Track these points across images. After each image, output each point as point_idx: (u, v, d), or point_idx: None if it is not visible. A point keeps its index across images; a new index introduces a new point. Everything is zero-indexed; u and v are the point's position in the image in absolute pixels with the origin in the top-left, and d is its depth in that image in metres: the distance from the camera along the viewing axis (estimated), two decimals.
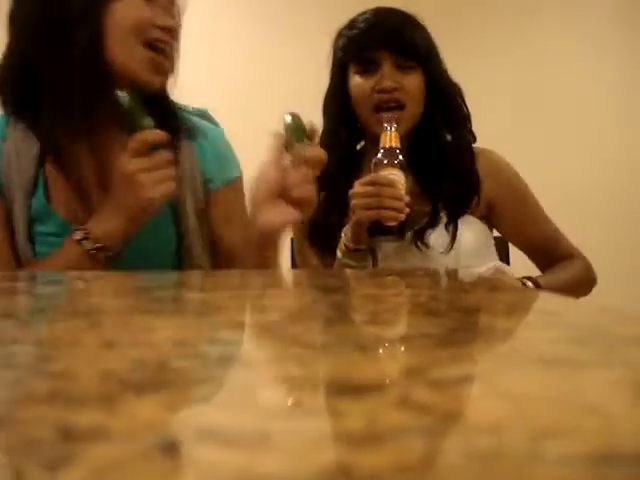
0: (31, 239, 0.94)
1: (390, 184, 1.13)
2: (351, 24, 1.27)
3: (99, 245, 0.90)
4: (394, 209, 1.12)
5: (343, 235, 1.20)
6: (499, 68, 3.09)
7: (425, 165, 1.27)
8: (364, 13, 1.27)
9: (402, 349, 0.36)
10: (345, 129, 1.28)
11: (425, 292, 0.74)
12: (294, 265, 1.53)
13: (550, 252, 1.32)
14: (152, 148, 0.89)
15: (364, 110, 1.23)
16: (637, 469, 0.17)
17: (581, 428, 0.21)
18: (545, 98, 3.12)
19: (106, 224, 0.90)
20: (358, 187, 1.15)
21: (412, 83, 1.22)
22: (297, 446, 0.19)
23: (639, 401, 0.24)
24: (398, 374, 0.29)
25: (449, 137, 1.29)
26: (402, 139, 1.21)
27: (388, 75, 1.20)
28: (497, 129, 1.50)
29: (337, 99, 1.28)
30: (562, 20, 3.17)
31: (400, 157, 1.16)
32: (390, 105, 1.21)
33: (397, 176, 1.14)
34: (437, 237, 1.24)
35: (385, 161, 1.16)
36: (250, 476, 0.17)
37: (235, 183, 1.08)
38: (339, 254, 1.20)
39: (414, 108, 1.23)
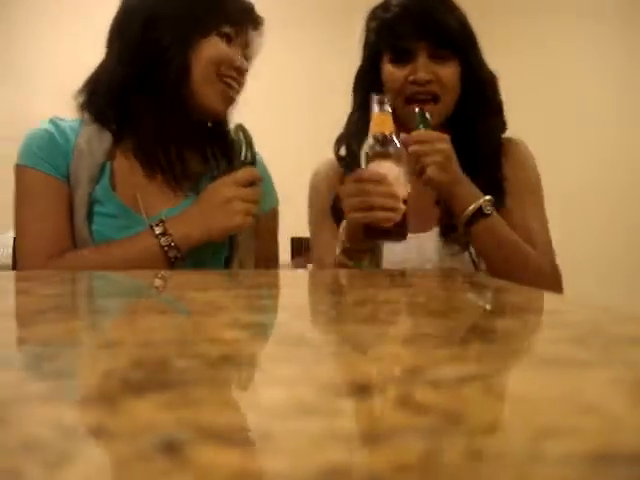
0: (89, 218, 1.06)
1: (379, 180, 1.00)
2: (385, 4, 1.19)
3: (173, 244, 1.01)
4: (387, 208, 0.99)
5: (340, 230, 1.10)
6: (499, 68, 3.09)
7: (458, 159, 1.14)
8: None
9: (402, 349, 0.36)
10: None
11: (425, 292, 0.74)
12: (294, 265, 1.53)
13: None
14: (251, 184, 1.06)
15: (396, 101, 1.14)
16: (637, 469, 0.17)
17: (581, 428, 0.21)
18: (545, 98, 3.12)
19: (185, 228, 1.02)
20: (346, 184, 1.04)
21: (448, 74, 1.15)
22: (297, 446, 0.19)
23: (639, 401, 0.24)
24: (398, 374, 0.29)
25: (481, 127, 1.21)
26: (435, 131, 1.11)
27: (423, 66, 1.13)
28: None
29: (368, 83, 1.19)
30: (562, 20, 3.18)
31: (396, 145, 1.02)
32: (422, 97, 1.14)
33: (389, 169, 1.01)
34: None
35: (374, 152, 1.02)
36: (250, 476, 0.17)
37: (275, 211, 1.25)
38: (337, 251, 1.10)
39: (449, 100, 1.16)
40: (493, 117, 1.22)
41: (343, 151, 1.25)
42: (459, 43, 1.15)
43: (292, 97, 3.17)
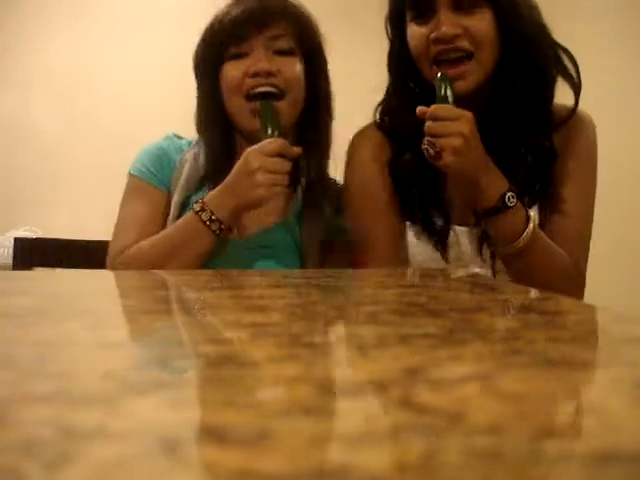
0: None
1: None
2: None
3: (213, 217, 1.04)
4: None
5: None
6: None
7: (497, 139, 1.01)
8: None
9: (402, 349, 0.35)
10: (414, 87, 1.06)
11: (425, 292, 0.74)
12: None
13: (560, 243, 1.02)
14: (280, 156, 1.05)
15: (423, 65, 1.01)
16: (637, 469, 0.17)
17: (581, 428, 0.21)
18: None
19: (219, 200, 1.05)
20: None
21: (479, 25, 0.98)
22: (297, 446, 0.19)
23: (639, 401, 0.24)
24: (398, 374, 0.29)
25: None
26: (471, 96, 0.99)
27: (446, 20, 0.97)
28: None
29: (397, 54, 1.07)
30: (562, 20, 3.18)
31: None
32: (451, 57, 0.98)
33: None
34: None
35: None
36: (250, 476, 0.17)
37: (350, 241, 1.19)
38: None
39: (484, 56, 0.99)
40: (541, 80, 1.04)
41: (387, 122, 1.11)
42: None
43: None
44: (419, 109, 0.94)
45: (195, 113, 1.19)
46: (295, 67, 1.12)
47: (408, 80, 1.06)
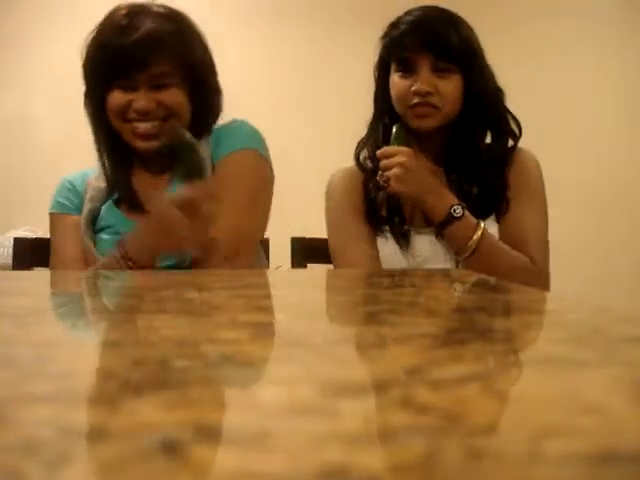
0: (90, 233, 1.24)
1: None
2: (396, 23, 1.30)
3: (130, 260, 1.07)
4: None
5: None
6: (498, 68, 3.09)
7: (456, 165, 1.29)
8: (410, 12, 1.29)
9: (402, 349, 0.35)
10: (390, 123, 1.31)
11: (425, 292, 0.74)
12: (294, 265, 1.52)
13: (513, 244, 1.25)
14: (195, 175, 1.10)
15: (401, 108, 1.27)
16: (637, 469, 0.17)
17: (581, 428, 0.21)
18: (545, 98, 3.12)
19: (140, 246, 1.08)
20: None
21: (448, 87, 1.24)
22: (297, 446, 0.19)
23: (639, 401, 0.24)
24: (398, 374, 0.29)
25: (489, 139, 1.32)
26: (436, 135, 1.27)
27: (424, 79, 1.23)
28: None
29: (381, 96, 1.32)
30: (562, 20, 3.18)
31: None
32: (422, 110, 1.25)
33: None
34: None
35: None
36: (250, 476, 0.17)
37: (239, 152, 1.22)
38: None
39: (447, 111, 1.26)
40: (496, 131, 1.30)
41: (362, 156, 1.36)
42: (461, 58, 1.24)
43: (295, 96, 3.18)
44: (377, 152, 1.23)
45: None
46: (174, 97, 1.21)
47: (386, 116, 1.31)
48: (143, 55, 1.18)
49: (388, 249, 1.28)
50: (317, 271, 1.13)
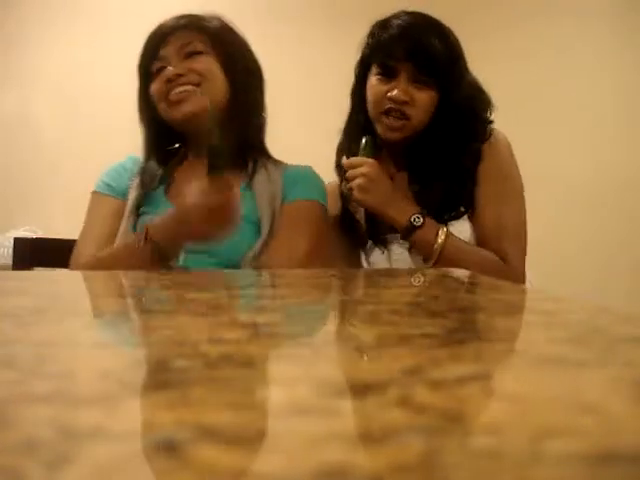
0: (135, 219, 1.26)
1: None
2: (384, 25, 1.30)
3: (155, 242, 1.08)
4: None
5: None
6: (499, 69, 3.09)
7: (421, 169, 1.31)
8: (398, 16, 1.30)
9: (402, 349, 0.35)
10: (364, 119, 1.33)
11: (425, 292, 0.74)
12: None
13: (486, 242, 1.28)
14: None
15: (374, 111, 1.29)
16: (637, 469, 0.17)
17: (581, 428, 0.21)
18: (544, 99, 3.12)
19: (168, 237, 1.09)
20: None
21: (423, 99, 1.26)
22: (296, 446, 0.19)
23: (638, 401, 0.24)
24: (398, 374, 0.29)
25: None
26: (403, 141, 1.29)
27: (402, 88, 1.25)
28: (496, 128, 1.51)
29: (358, 92, 1.34)
30: (561, 21, 3.18)
31: None
32: (396, 115, 1.27)
33: None
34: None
35: None
36: (250, 476, 0.17)
37: (300, 203, 1.27)
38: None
39: (419, 120, 1.27)
40: (465, 141, 1.31)
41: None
42: (441, 72, 1.25)
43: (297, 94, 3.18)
44: (344, 162, 1.28)
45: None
46: (204, 63, 1.26)
47: (361, 115, 1.33)
48: (177, 26, 1.26)
49: (374, 255, 1.33)
50: (317, 271, 1.14)
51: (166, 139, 1.32)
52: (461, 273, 1.01)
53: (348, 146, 1.34)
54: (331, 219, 1.35)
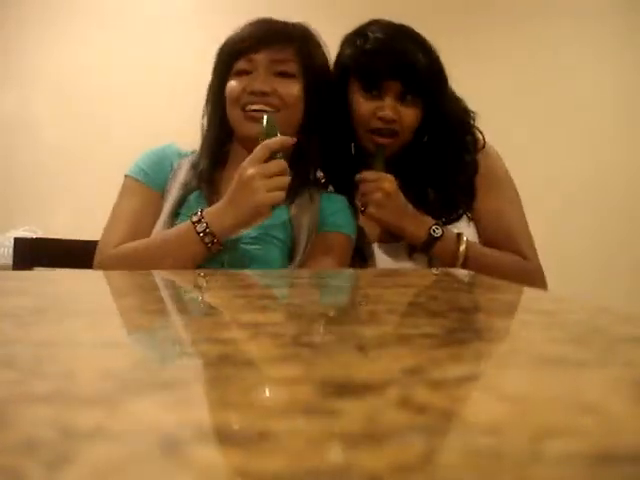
0: (174, 218, 1.20)
1: None
2: (362, 33, 1.27)
3: (207, 230, 1.07)
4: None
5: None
6: (498, 69, 3.09)
7: (411, 179, 1.30)
8: (375, 23, 1.27)
9: (402, 349, 0.35)
10: (348, 130, 1.31)
11: (425, 292, 0.74)
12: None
13: (500, 246, 1.27)
14: (272, 157, 1.07)
15: (362, 128, 1.27)
16: (637, 469, 0.17)
17: (581, 428, 0.21)
18: (543, 99, 3.12)
19: (218, 214, 1.08)
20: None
21: (410, 116, 1.25)
22: (297, 446, 0.19)
23: (638, 401, 0.24)
24: (398, 374, 0.29)
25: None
26: (390, 155, 1.28)
27: (390, 106, 1.24)
28: (496, 129, 1.50)
29: (337, 103, 1.29)
30: (561, 21, 3.18)
31: None
32: (383, 132, 1.26)
33: None
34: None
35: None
36: (250, 476, 0.17)
37: (340, 237, 1.23)
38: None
39: (406, 136, 1.27)
40: (453, 154, 1.30)
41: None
42: (427, 89, 1.25)
43: None
44: (357, 178, 1.24)
45: (204, 120, 1.28)
46: (292, 89, 1.20)
47: (343, 125, 1.30)
48: (274, 36, 1.20)
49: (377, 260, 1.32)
50: (317, 271, 1.14)
51: (224, 140, 1.26)
52: (461, 273, 1.01)
53: (336, 158, 1.32)
54: None
